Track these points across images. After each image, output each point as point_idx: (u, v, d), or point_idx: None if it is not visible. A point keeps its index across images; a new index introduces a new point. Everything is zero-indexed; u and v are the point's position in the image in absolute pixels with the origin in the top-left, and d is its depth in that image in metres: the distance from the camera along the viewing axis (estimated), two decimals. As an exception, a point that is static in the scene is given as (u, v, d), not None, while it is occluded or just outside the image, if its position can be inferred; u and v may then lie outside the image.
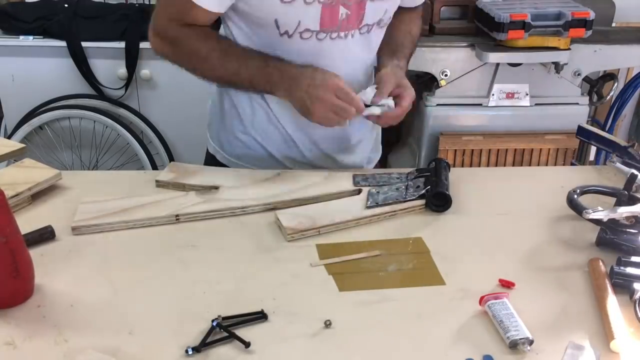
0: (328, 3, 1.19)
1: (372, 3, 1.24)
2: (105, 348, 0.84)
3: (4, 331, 0.87)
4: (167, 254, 1.05)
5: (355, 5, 1.22)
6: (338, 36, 1.25)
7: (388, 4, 1.28)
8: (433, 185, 1.21)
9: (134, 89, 2.48)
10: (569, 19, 2.14)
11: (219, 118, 1.43)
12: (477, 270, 1.03)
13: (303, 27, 1.21)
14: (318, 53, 1.25)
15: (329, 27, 1.23)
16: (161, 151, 2.56)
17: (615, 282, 0.97)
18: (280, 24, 1.21)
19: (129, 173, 1.39)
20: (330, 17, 1.21)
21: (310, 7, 1.19)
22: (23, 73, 2.43)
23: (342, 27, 1.24)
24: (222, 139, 1.42)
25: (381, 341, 0.87)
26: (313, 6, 1.19)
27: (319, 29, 1.22)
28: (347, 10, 1.22)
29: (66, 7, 2.41)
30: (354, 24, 1.25)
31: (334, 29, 1.24)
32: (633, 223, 1.08)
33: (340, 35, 1.25)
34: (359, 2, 1.23)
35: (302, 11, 1.19)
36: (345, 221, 1.13)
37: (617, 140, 1.41)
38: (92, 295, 0.95)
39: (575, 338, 0.87)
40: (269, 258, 1.05)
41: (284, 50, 1.24)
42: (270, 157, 1.39)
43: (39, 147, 2.51)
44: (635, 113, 2.90)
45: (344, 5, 1.21)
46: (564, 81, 2.33)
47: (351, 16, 1.23)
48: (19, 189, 1.16)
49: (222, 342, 0.86)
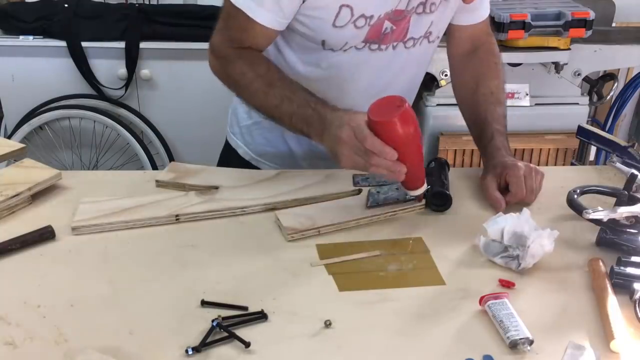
0: (376, 24, 1.20)
1: (417, 16, 1.23)
2: (105, 348, 0.84)
3: (4, 331, 0.87)
4: (167, 254, 1.05)
5: (402, 20, 1.22)
6: (378, 48, 1.24)
7: (435, 16, 1.25)
8: (433, 185, 1.20)
9: (134, 89, 2.48)
10: (569, 19, 2.14)
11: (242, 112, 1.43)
12: (477, 270, 1.03)
13: (349, 45, 1.22)
14: (354, 63, 1.25)
15: (370, 40, 1.23)
16: (161, 151, 2.56)
17: (615, 282, 0.97)
18: (327, 44, 1.22)
19: (129, 173, 1.39)
20: (374, 32, 1.21)
21: (360, 30, 1.19)
22: (23, 73, 2.43)
23: (384, 40, 1.23)
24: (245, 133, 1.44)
25: (381, 341, 0.87)
26: (362, 29, 1.19)
27: (362, 42, 1.23)
28: (391, 24, 1.21)
29: (66, 7, 2.41)
30: (398, 37, 1.25)
31: (375, 41, 1.23)
32: (633, 223, 1.08)
33: (381, 47, 1.24)
34: (404, 16, 1.21)
35: (351, 34, 1.20)
36: (345, 221, 1.13)
37: (617, 140, 1.41)
38: (92, 295, 0.95)
39: (575, 338, 0.87)
40: (269, 258, 1.05)
41: (322, 59, 1.25)
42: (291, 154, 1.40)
43: (39, 147, 2.51)
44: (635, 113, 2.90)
45: (389, 19, 1.20)
46: (564, 81, 2.33)
47: (395, 30, 1.23)
48: (19, 189, 1.16)
49: (222, 342, 0.86)
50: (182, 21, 2.41)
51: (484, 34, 1.40)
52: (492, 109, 1.32)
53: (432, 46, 1.33)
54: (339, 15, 1.16)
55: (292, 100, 1.16)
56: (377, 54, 1.25)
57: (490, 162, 1.26)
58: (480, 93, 1.34)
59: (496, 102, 1.33)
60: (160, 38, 2.40)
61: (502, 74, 1.38)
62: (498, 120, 1.31)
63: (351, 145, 1.05)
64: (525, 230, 1.02)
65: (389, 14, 1.19)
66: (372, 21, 1.19)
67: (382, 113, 1.03)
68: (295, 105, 1.16)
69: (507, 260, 1.02)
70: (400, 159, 1.05)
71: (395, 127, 1.02)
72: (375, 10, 1.18)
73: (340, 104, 1.24)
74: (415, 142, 1.06)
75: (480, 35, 1.39)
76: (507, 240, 1.03)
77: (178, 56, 2.40)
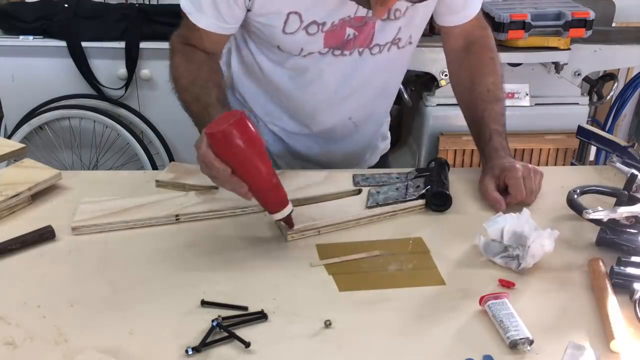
0: (331, 30, 1.19)
1: (382, 22, 1.21)
2: (105, 348, 0.84)
3: (4, 331, 0.87)
4: (167, 254, 1.05)
5: (365, 26, 1.20)
6: (342, 54, 1.24)
7: (402, 22, 1.23)
8: (433, 185, 1.20)
9: (134, 89, 2.48)
10: (569, 19, 2.14)
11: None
12: (477, 270, 1.03)
13: (306, 51, 1.22)
14: (319, 67, 1.25)
15: (332, 46, 1.22)
16: (161, 151, 2.56)
17: (615, 282, 0.97)
18: (283, 49, 1.22)
19: (129, 173, 1.39)
20: (334, 38, 1.20)
21: (312, 37, 1.19)
22: (23, 73, 2.43)
23: (347, 46, 1.23)
24: None
25: (381, 341, 0.87)
26: (316, 36, 1.19)
27: (322, 48, 1.22)
28: (354, 31, 1.20)
29: (66, 7, 2.41)
30: (363, 43, 1.23)
31: (338, 47, 1.22)
32: (633, 223, 1.08)
33: (345, 53, 1.24)
34: (365, 23, 1.19)
35: (304, 40, 1.20)
36: (345, 221, 1.13)
37: (617, 140, 1.41)
38: (92, 295, 0.95)
39: (575, 338, 0.87)
40: (269, 258, 1.05)
41: (286, 59, 1.25)
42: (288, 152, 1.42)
43: (39, 147, 2.51)
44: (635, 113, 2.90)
45: (350, 26, 1.19)
46: (564, 81, 2.33)
47: (359, 36, 1.21)
48: (19, 189, 1.16)
49: (222, 342, 0.86)
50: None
51: (477, 28, 1.36)
52: (490, 107, 1.30)
53: (405, 52, 1.30)
54: (288, 22, 1.17)
55: (200, 101, 1.18)
56: (341, 59, 1.25)
57: (489, 164, 1.25)
58: (477, 92, 1.32)
59: (493, 99, 1.31)
60: (160, 38, 2.39)
61: (499, 69, 1.34)
62: (496, 119, 1.29)
63: (199, 156, 1.03)
64: (525, 230, 1.02)
65: (347, 20, 1.18)
66: (325, 27, 1.18)
67: (216, 126, 0.98)
68: (199, 107, 1.18)
69: (507, 260, 1.02)
70: (241, 175, 1.00)
71: (220, 139, 0.97)
72: (327, 17, 1.16)
73: (307, 106, 1.29)
74: (251, 159, 0.99)
75: (473, 30, 1.35)
76: (507, 240, 1.03)
77: (178, 56, 2.40)
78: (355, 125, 1.39)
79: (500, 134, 1.29)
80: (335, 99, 1.32)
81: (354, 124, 1.39)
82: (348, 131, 1.40)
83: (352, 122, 1.38)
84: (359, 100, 1.34)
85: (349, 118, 1.37)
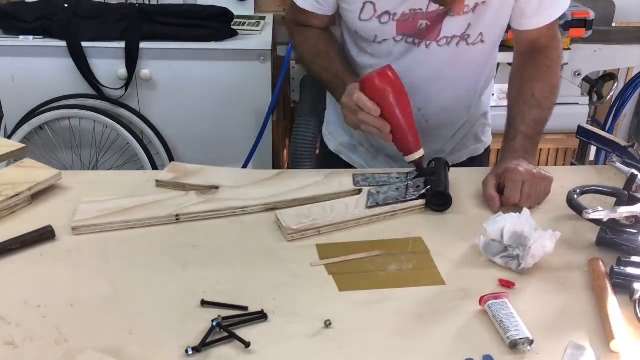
0: (403, 19, 1.27)
1: (451, 16, 1.26)
2: (105, 348, 0.84)
3: (4, 331, 0.87)
4: (167, 254, 1.05)
5: (435, 17, 1.26)
6: (413, 42, 1.31)
7: (471, 18, 1.28)
8: (433, 185, 1.21)
9: (134, 89, 2.48)
10: (569, 19, 2.14)
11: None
12: (477, 270, 1.03)
13: (381, 38, 1.32)
14: (393, 54, 1.33)
15: (405, 32, 1.30)
16: (161, 151, 2.56)
17: (615, 282, 0.97)
18: (360, 34, 1.34)
19: (129, 173, 1.39)
20: (408, 27, 1.29)
21: (385, 25, 1.29)
22: (23, 73, 2.43)
23: (419, 36, 1.30)
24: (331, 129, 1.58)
25: (381, 341, 0.87)
26: (388, 25, 1.29)
27: (395, 35, 1.30)
28: (426, 21, 1.28)
29: (66, 7, 2.40)
30: (432, 35, 1.29)
31: (411, 35, 1.30)
32: (633, 223, 1.08)
33: (416, 42, 1.31)
34: (437, 15, 1.26)
35: (377, 28, 1.31)
36: (345, 221, 1.13)
37: (617, 140, 1.41)
38: (92, 295, 0.95)
39: (575, 338, 0.87)
40: (269, 258, 1.05)
41: (368, 46, 1.36)
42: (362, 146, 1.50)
43: (39, 147, 2.51)
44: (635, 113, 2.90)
45: (422, 18, 1.27)
46: (564, 81, 2.33)
47: (430, 26, 1.28)
48: (19, 189, 1.16)
49: (222, 342, 0.86)
50: (182, 21, 2.40)
51: (546, 38, 1.38)
52: (526, 110, 1.31)
53: (477, 51, 1.34)
54: (364, 10, 1.29)
55: (329, 70, 1.37)
56: (412, 49, 1.32)
57: (499, 162, 1.27)
58: (521, 93, 1.34)
59: (535, 104, 1.32)
60: (160, 38, 2.39)
61: (553, 79, 1.37)
62: (527, 122, 1.30)
63: (348, 105, 1.24)
64: (525, 230, 1.02)
65: (419, 12, 1.26)
66: (396, 17, 1.28)
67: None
68: (330, 75, 1.36)
69: (507, 260, 1.02)
70: (386, 116, 1.20)
71: (374, 82, 1.19)
72: (397, 7, 1.27)
73: None
74: (397, 101, 1.20)
75: (540, 38, 1.38)
76: (507, 240, 1.03)
77: (178, 56, 2.39)
78: (426, 120, 1.41)
79: (527, 137, 1.29)
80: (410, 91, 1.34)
81: (424, 117, 1.40)
82: (420, 126, 1.38)
83: (422, 114, 1.40)
84: (427, 92, 1.37)
85: (418, 109, 1.38)
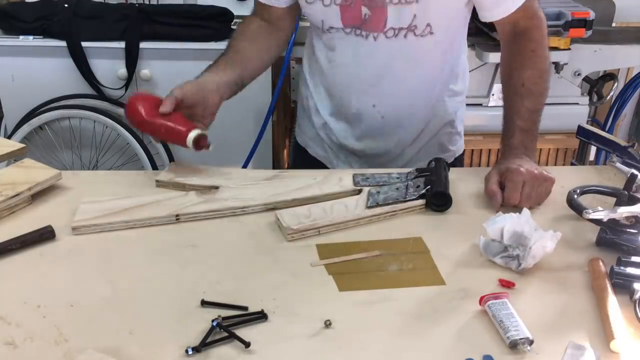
0: (346, 5, 1.27)
1: (394, 6, 1.24)
2: (105, 348, 0.84)
3: (4, 331, 0.87)
4: (167, 254, 1.05)
5: (378, 8, 1.25)
6: (361, 34, 1.30)
7: (417, 8, 1.25)
8: (433, 185, 1.20)
9: (134, 89, 2.47)
10: (569, 19, 2.14)
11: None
12: (477, 270, 1.03)
13: (327, 24, 1.32)
14: (343, 46, 1.34)
15: (352, 24, 1.30)
16: (161, 151, 2.55)
17: (615, 282, 0.97)
18: (310, 21, 1.36)
19: (129, 173, 1.39)
20: (352, 16, 1.28)
21: (328, 8, 1.29)
22: (23, 73, 2.43)
23: (365, 27, 1.29)
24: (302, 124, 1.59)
25: (381, 341, 0.87)
26: (331, 8, 1.29)
27: (342, 25, 1.30)
28: (368, 11, 1.26)
29: (66, 7, 2.40)
30: (377, 27, 1.28)
31: (357, 26, 1.30)
32: (633, 223, 1.08)
33: (363, 34, 1.30)
34: (380, 4, 1.25)
35: (322, 11, 1.30)
36: (345, 221, 1.13)
37: (617, 140, 1.41)
38: (92, 295, 0.95)
39: (575, 338, 0.87)
40: (269, 258, 1.05)
41: (323, 38, 1.37)
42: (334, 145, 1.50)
43: (39, 147, 2.51)
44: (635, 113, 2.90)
45: (364, 5, 1.26)
46: (564, 81, 2.33)
47: (373, 17, 1.27)
48: (19, 189, 1.16)
49: (222, 342, 0.86)
50: (182, 21, 2.40)
51: (525, 19, 1.30)
52: (519, 102, 1.27)
53: (427, 44, 1.31)
54: None
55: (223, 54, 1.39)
56: (361, 42, 1.31)
57: (500, 161, 1.26)
58: (511, 85, 1.31)
59: (526, 94, 1.27)
60: (160, 38, 2.39)
61: (540, 63, 1.30)
62: (522, 115, 1.27)
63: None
64: (525, 230, 1.02)
65: None
66: (337, 1, 1.27)
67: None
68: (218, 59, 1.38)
69: (507, 260, 1.02)
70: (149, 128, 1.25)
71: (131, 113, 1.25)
72: None
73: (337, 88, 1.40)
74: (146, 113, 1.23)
75: (518, 21, 1.30)
76: (506, 239, 1.03)
77: (178, 56, 2.39)
78: (382, 116, 1.40)
79: (524, 131, 1.27)
80: (357, 82, 1.37)
81: (380, 114, 1.39)
82: (376, 123, 1.40)
83: (377, 110, 1.39)
84: (380, 87, 1.37)
85: (372, 105, 1.38)
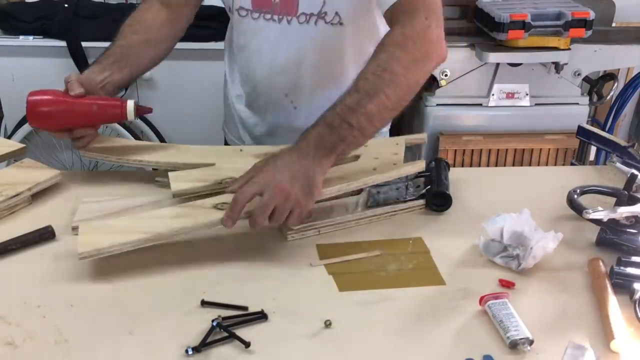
0: None
1: None
2: (105, 348, 0.84)
3: (4, 331, 0.87)
4: (167, 254, 1.05)
5: None
6: (272, 18, 1.27)
7: None
8: (433, 185, 1.20)
9: (134, 89, 2.47)
10: (569, 19, 2.14)
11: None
12: (477, 270, 1.03)
13: (237, 4, 1.28)
14: (254, 31, 1.30)
15: (261, 7, 1.27)
16: (161, 151, 2.55)
17: (615, 282, 0.97)
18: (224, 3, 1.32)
19: (129, 173, 1.39)
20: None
21: None
22: (23, 73, 2.43)
23: (275, 11, 1.26)
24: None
25: (381, 341, 0.87)
26: None
27: (252, 8, 1.27)
28: None
29: (66, 7, 2.40)
30: (290, 10, 1.25)
31: (268, 10, 1.26)
32: (633, 223, 1.08)
33: (274, 18, 1.27)
34: None
35: None
36: (345, 221, 1.13)
37: (617, 140, 1.41)
38: (92, 295, 0.95)
39: (575, 338, 0.87)
40: (269, 258, 1.05)
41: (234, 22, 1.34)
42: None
43: (39, 147, 2.51)
44: (635, 113, 2.90)
45: None
46: (564, 81, 2.33)
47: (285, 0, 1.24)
48: (19, 189, 1.16)
49: (222, 342, 0.86)
50: (182, 21, 2.40)
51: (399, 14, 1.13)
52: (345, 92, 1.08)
53: (338, 33, 1.25)
54: None
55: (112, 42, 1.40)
56: (272, 26, 1.27)
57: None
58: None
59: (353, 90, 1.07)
60: (160, 38, 2.39)
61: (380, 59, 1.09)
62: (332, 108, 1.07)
63: None
64: (525, 230, 1.02)
65: None
66: None
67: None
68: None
69: (507, 260, 1.02)
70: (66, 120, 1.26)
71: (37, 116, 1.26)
72: None
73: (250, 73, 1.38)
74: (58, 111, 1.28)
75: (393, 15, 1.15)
76: (506, 239, 1.03)
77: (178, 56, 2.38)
78: (295, 107, 1.36)
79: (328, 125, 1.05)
80: (269, 69, 1.33)
81: (292, 104, 1.36)
82: (288, 112, 1.37)
83: (289, 100, 1.35)
84: (292, 75, 1.32)
85: (285, 95, 1.35)
